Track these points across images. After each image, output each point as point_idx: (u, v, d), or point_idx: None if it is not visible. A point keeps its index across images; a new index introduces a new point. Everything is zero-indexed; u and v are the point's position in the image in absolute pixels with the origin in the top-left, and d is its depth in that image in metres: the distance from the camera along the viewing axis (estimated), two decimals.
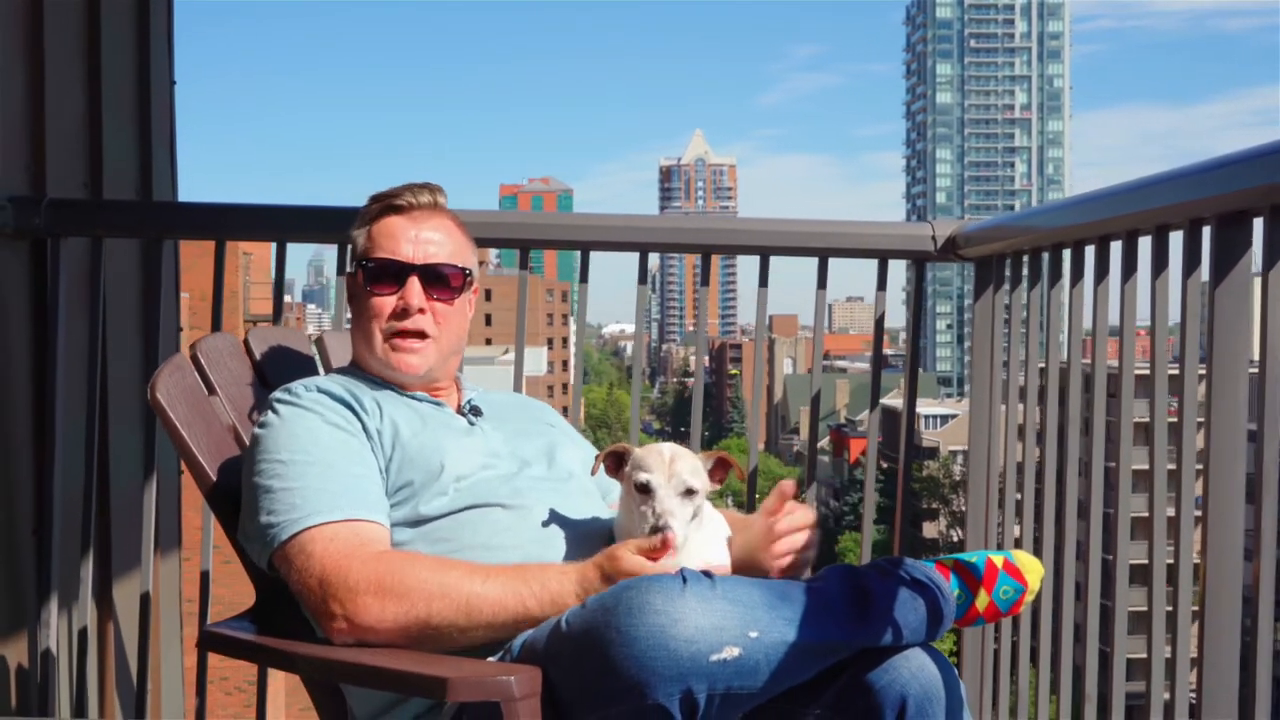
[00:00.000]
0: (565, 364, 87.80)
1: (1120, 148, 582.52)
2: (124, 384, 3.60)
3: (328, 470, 2.25)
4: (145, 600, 3.36)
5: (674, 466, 2.16)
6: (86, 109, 3.56)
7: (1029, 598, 2.25)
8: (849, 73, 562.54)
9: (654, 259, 3.44)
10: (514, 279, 3.42)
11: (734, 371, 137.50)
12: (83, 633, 3.33)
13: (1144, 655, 2.43)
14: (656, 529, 2.11)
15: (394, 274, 2.44)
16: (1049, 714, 2.94)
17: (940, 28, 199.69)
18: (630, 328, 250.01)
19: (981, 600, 2.21)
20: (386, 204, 2.51)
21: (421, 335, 2.44)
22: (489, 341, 65.21)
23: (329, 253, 3.37)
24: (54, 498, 3.23)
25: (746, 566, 2.23)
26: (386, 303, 2.44)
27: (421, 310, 2.43)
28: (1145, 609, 2.43)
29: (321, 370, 2.82)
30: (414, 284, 2.43)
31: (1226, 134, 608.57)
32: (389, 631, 2.10)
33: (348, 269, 2.56)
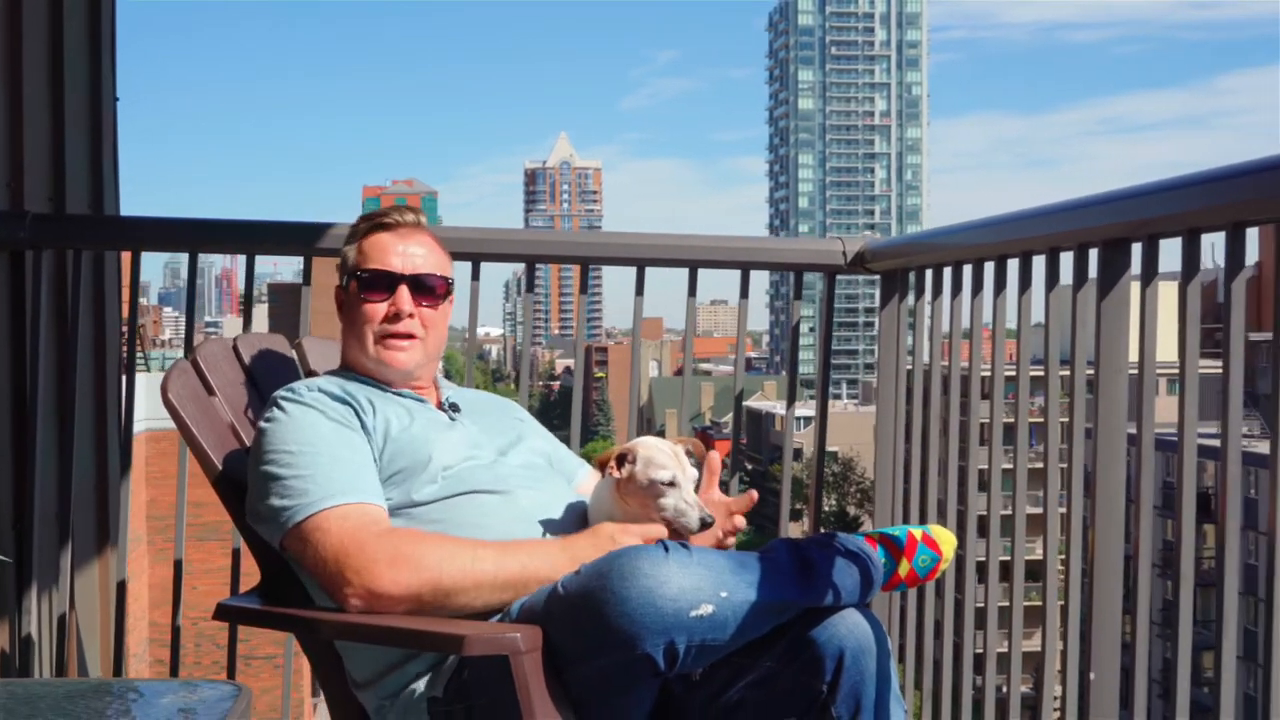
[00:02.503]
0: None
1: (975, 153, 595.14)
2: (82, 387, 3.82)
3: (334, 460, 2.51)
4: (121, 588, 3.61)
5: (681, 460, 2.49)
6: (51, 126, 3.77)
7: (944, 565, 2.62)
8: (711, 78, 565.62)
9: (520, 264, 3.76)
10: None
11: (599, 375, 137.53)
12: (61, 619, 3.55)
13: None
14: (704, 523, 2.45)
15: (385, 283, 2.72)
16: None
17: (802, 34, 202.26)
18: (495, 330, 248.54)
19: (904, 568, 2.55)
20: (376, 222, 2.80)
21: (410, 336, 2.73)
22: None
23: (184, 258, 3.62)
24: (34, 494, 3.46)
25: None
26: (379, 309, 2.72)
27: (410, 315, 2.72)
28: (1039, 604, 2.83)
29: (302, 372, 3.09)
30: (403, 292, 2.72)
31: (1075, 142, 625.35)
32: (402, 598, 2.35)
33: (339, 282, 2.81)
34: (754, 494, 2.63)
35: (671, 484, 2.47)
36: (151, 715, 2.00)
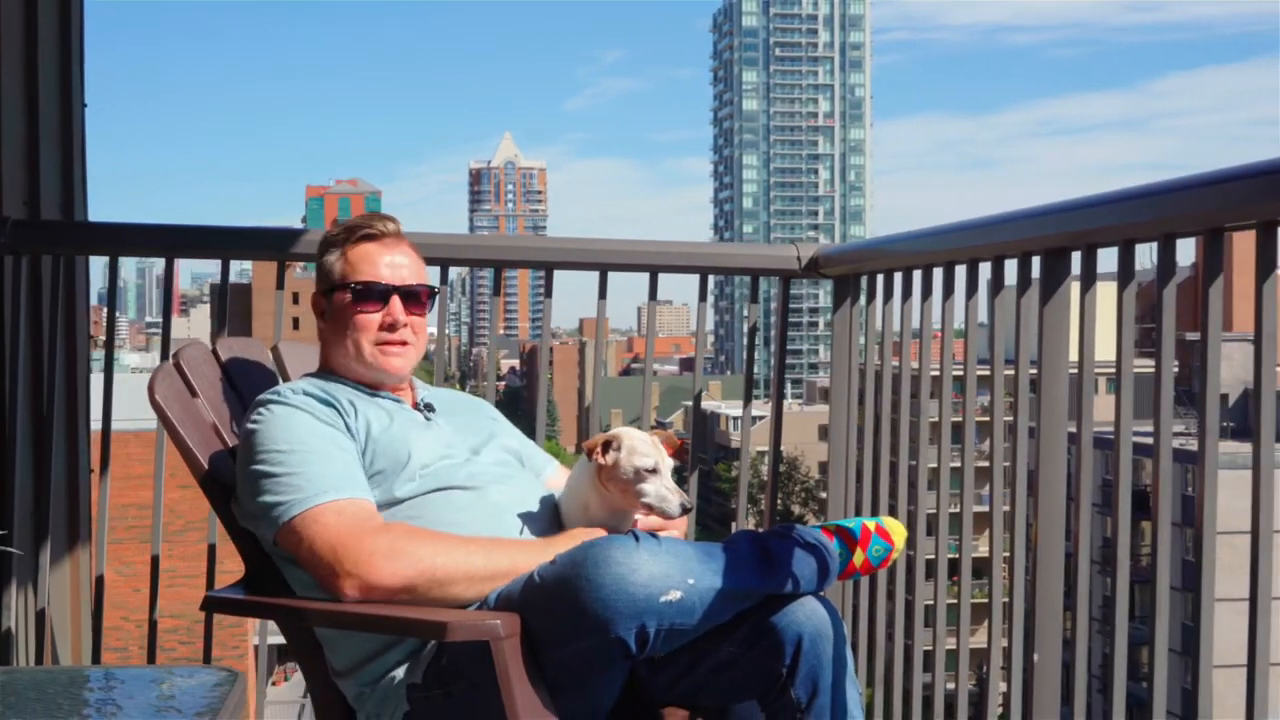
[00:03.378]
0: None
1: (917, 154, 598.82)
2: (57, 388, 3.90)
3: (326, 458, 2.61)
4: (100, 583, 3.70)
5: (660, 451, 2.63)
6: (25, 133, 3.85)
7: (895, 555, 2.77)
8: (655, 78, 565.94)
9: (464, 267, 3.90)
10: None
11: (547, 375, 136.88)
12: (40, 613, 3.64)
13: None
14: (684, 509, 2.60)
15: (378, 295, 2.82)
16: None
17: (746, 35, 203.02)
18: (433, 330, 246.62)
19: (858, 557, 2.69)
20: (361, 232, 2.89)
21: (404, 344, 2.84)
22: None
23: (127, 259, 3.72)
24: (14, 493, 3.55)
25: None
26: (373, 319, 2.82)
27: (404, 325, 2.84)
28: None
29: (279, 376, 3.19)
30: (396, 302, 2.82)
31: (1016, 143, 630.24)
32: (398, 589, 2.46)
33: (319, 289, 2.88)
34: None
35: (654, 471, 2.61)
36: (152, 697, 2.13)
